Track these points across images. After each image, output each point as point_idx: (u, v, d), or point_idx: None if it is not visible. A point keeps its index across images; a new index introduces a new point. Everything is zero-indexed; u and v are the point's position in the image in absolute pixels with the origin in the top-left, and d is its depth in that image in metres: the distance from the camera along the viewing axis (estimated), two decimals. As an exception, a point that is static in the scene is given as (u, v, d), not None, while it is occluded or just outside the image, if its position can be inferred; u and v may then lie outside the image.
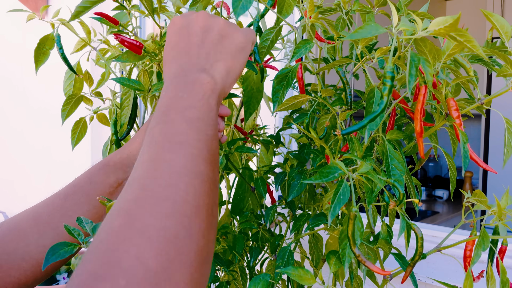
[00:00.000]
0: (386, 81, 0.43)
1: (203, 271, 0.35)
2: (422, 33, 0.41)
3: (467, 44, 0.40)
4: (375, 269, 0.52)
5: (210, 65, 0.49)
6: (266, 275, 0.54)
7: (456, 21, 0.38)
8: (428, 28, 0.40)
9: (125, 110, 0.78)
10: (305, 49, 0.57)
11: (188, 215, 0.35)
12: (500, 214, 0.52)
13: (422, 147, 0.50)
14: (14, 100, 2.80)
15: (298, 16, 1.16)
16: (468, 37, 0.40)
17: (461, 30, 0.40)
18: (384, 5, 0.72)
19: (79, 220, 0.50)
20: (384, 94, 0.43)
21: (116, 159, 0.69)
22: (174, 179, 0.37)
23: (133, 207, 0.35)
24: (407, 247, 0.54)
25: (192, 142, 0.41)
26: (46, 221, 0.60)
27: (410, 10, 0.71)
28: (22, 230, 0.58)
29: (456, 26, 0.38)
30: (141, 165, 0.39)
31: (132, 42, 0.66)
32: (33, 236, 0.58)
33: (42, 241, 0.58)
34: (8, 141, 2.89)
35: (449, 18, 0.39)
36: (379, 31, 0.41)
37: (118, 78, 0.69)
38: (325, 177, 0.46)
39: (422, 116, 0.48)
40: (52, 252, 0.46)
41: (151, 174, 0.38)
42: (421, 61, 0.42)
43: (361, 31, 0.41)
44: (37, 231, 0.58)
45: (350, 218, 0.48)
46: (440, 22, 0.39)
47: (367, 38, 0.41)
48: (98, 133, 2.13)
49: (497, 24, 0.46)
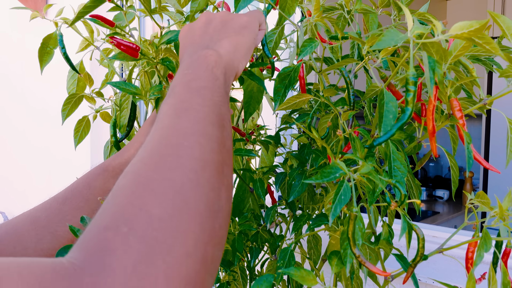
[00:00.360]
0: (410, 87, 0.43)
1: (216, 225, 0.35)
2: (442, 37, 0.41)
3: (486, 46, 0.40)
4: (375, 270, 0.52)
5: (213, 43, 0.51)
6: (270, 275, 0.53)
7: (483, 27, 0.38)
8: (449, 32, 0.40)
9: (124, 111, 0.78)
10: (311, 48, 0.57)
11: (194, 169, 0.35)
12: (502, 215, 0.52)
13: (435, 146, 0.50)
14: (14, 99, 2.80)
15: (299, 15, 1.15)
16: (488, 39, 0.40)
17: (483, 33, 0.39)
18: (388, 6, 0.72)
19: (83, 221, 0.49)
20: (410, 101, 0.43)
21: (115, 164, 0.69)
22: (178, 138, 0.38)
23: (138, 166, 0.36)
24: (408, 248, 0.54)
25: (196, 107, 0.42)
26: (44, 225, 0.59)
27: (410, 10, 0.70)
28: (20, 233, 0.58)
29: (482, 31, 0.38)
30: (149, 137, 0.40)
31: (128, 45, 0.66)
32: (31, 240, 0.57)
33: (40, 245, 0.57)
34: (8, 141, 2.89)
35: (474, 23, 0.39)
36: (400, 37, 0.41)
37: (115, 82, 0.68)
38: (326, 177, 0.46)
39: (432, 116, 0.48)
40: (61, 254, 0.46)
41: (157, 139, 0.38)
42: (435, 63, 0.42)
43: (385, 39, 0.41)
44: (35, 235, 0.58)
45: (350, 219, 0.48)
46: (464, 26, 0.39)
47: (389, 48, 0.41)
48: (98, 132, 2.13)
49: (503, 25, 0.46)
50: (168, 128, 0.39)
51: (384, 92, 0.46)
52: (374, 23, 0.69)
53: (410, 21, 0.41)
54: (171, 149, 0.37)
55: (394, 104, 0.49)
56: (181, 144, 0.37)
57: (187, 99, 0.43)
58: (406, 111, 0.43)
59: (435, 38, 0.40)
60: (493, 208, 0.54)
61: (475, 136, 3.07)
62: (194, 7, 0.67)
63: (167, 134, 0.39)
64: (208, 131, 0.40)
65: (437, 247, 0.61)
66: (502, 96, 0.52)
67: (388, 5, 0.70)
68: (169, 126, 0.39)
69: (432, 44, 0.41)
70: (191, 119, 0.40)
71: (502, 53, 0.39)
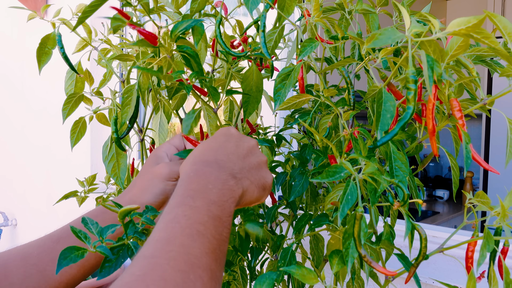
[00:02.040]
0: (411, 86, 0.43)
1: None
2: (440, 34, 0.40)
3: (485, 40, 0.39)
4: (381, 270, 0.52)
5: (241, 177, 0.52)
6: (272, 273, 0.53)
7: (480, 22, 0.38)
8: (447, 29, 0.40)
9: (126, 108, 0.77)
10: (311, 48, 0.57)
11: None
12: (504, 214, 0.52)
13: (436, 146, 0.50)
14: (13, 98, 2.79)
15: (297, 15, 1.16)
16: (486, 33, 0.40)
17: (481, 28, 0.39)
18: (386, 5, 0.72)
19: (85, 221, 0.49)
20: (411, 99, 0.43)
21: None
22: (188, 267, 0.38)
23: (141, 285, 0.35)
24: (410, 248, 0.54)
25: (209, 237, 0.42)
26: (34, 262, 0.58)
27: (412, 11, 0.70)
28: (9, 269, 0.57)
29: (480, 27, 0.38)
30: (155, 242, 0.40)
31: (148, 34, 0.68)
32: (18, 276, 0.57)
33: (26, 282, 0.57)
34: (7, 140, 2.89)
35: (472, 19, 0.38)
36: (397, 35, 0.40)
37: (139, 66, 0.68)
38: (331, 176, 0.46)
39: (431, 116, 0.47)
40: (64, 256, 0.45)
41: (166, 254, 0.38)
42: (433, 62, 0.42)
43: (381, 37, 0.41)
44: (23, 272, 0.57)
45: (356, 219, 0.47)
46: (461, 22, 0.39)
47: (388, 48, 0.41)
48: (97, 132, 2.13)
49: (500, 24, 0.46)
50: (181, 246, 0.39)
51: (383, 91, 0.46)
52: (375, 22, 0.69)
53: (407, 20, 0.41)
54: (179, 276, 0.36)
55: (392, 104, 0.49)
56: (188, 275, 0.37)
57: (204, 222, 0.43)
58: (408, 109, 0.42)
59: (433, 36, 0.40)
60: (493, 207, 0.54)
61: (475, 136, 3.07)
62: (194, 7, 0.67)
63: (177, 253, 0.38)
64: (213, 268, 0.40)
65: (437, 247, 0.61)
66: (503, 96, 0.52)
67: (386, 3, 0.70)
68: (182, 244, 0.39)
69: (429, 43, 0.41)
70: (203, 249, 0.40)
71: (502, 47, 0.39)
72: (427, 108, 0.45)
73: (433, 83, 0.42)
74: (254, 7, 0.57)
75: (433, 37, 0.40)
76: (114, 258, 0.45)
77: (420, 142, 0.65)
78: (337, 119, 0.64)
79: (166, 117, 0.88)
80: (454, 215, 2.86)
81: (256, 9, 0.64)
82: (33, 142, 2.66)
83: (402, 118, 0.43)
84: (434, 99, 0.45)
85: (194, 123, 0.68)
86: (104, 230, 0.48)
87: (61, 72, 0.87)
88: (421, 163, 0.70)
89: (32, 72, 2.61)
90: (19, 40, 2.68)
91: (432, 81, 0.40)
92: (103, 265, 0.45)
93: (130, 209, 0.45)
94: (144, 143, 0.87)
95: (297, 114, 0.83)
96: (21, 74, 2.71)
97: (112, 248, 0.46)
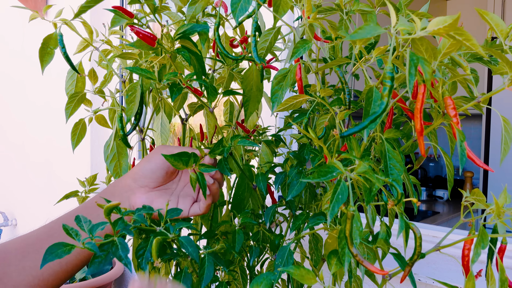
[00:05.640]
0: (386, 82, 0.43)
1: None
2: (421, 33, 0.41)
3: (466, 42, 0.40)
4: (373, 269, 0.52)
5: None
6: (270, 273, 0.54)
7: (455, 21, 0.38)
8: (427, 28, 0.40)
9: (131, 105, 0.78)
10: (304, 49, 0.58)
11: None
12: (498, 212, 0.52)
13: (423, 145, 0.50)
14: (15, 97, 2.80)
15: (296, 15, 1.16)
16: (467, 35, 0.40)
17: (460, 29, 0.40)
18: (385, 5, 0.72)
19: (78, 219, 0.50)
20: (384, 95, 0.43)
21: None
22: None
23: None
24: (405, 247, 0.55)
25: None
26: (32, 242, 0.60)
27: (410, 10, 0.71)
28: (8, 250, 0.59)
29: (455, 26, 0.39)
30: None
31: (146, 34, 0.68)
32: (16, 256, 0.58)
33: (23, 262, 0.58)
34: (7, 140, 2.90)
35: (448, 18, 0.39)
36: (378, 31, 0.41)
37: (131, 67, 0.70)
38: (323, 176, 0.46)
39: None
40: (50, 251, 0.45)
41: None
42: (420, 60, 0.42)
43: (361, 31, 0.41)
44: (21, 252, 0.59)
45: (347, 218, 0.48)
46: (439, 22, 0.40)
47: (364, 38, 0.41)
48: (98, 133, 2.14)
49: (492, 22, 0.46)
50: None
51: (374, 90, 0.47)
52: (373, 22, 0.69)
53: (393, 16, 0.41)
54: None
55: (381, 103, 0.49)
56: None
57: None
58: (381, 104, 0.43)
59: (415, 35, 0.40)
60: (488, 205, 0.54)
61: (475, 136, 3.07)
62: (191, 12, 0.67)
63: None
64: None
65: (435, 246, 0.62)
66: (503, 96, 0.53)
67: (385, 3, 0.71)
68: None
69: (421, 41, 0.42)
70: None
71: (481, 50, 0.40)
72: (416, 107, 0.46)
73: (422, 83, 0.43)
74: (241, 14, 0.57)
75: (415, 36, 0.41)
76: (103, 255, 0.46)
77: (415, 141, 0.65)
78: (333, 119, 0.65)
79: (168, 118, 0.89)
80: (454, 215, 2.86)
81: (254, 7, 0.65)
82: (34, 142, 2.67)
83: (373, 113, 0.44)
84: (423, 99, 0.46)
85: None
86: (93, 227, 0.48)
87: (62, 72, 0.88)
88: (416, 161, 0.71)
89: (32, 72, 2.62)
90: (18, 40, 2.69)
91: (413, 79, 0.40)
92: (92, 261, 0.46)
93: (114, 205, 0.46)
94: (145, 143, 0.88)
95: (295, 114, 0.84)
96: (22, 73, 2.72)
97: (102, 244, 0.47)
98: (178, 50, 0.66)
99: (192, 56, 0.67)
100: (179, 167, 0.63)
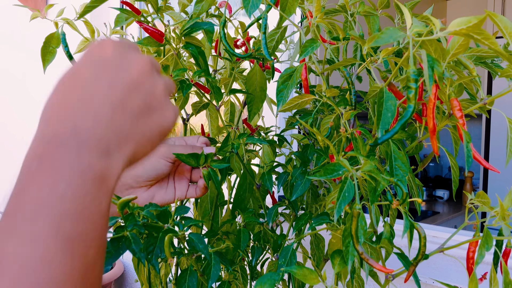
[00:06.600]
0: (411, 85, 0.43)
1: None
2: (440, 34, 0.41)
3: (485, 41, 0.40)
4: (378, 267, 0.52)
5: (117, 145, 0.34)
6: (273, 274, 0.54)
7: (481, 22, 0.38)
8: (448, 29, 0.40)
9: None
10: (312, 48, 0.58)
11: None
12: (503, 214, 0.52)
13: (436, 144, 0.50)
14: (15, 96, 2.80)
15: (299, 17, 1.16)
16: (487, 34, 0.40)
17: (481, 28, 0.40)
18: (387, 7, 0.72)
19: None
20: (411, 98, 0.43)
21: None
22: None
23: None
24: (409, 246, 0.55)
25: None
26: None
27: (414, 14, 0.71)
28: None
29: (480, 27, 0.39)
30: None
31: (154, 31, 0.70)
32: None
33: None
34: (7, 140, 2.90)
35: (472, 19, 0.39)
36: (399, 35, 0.41)
37: None
38: (330, 174, 0.46)
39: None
40: None
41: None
42: (434, 61, 0.42)
43: (383, 36, 0.41)
44: None
45: (353, 216, 0.48)
46: (461, 22, 0.39)
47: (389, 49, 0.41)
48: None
49: (500, 24, 0.46)
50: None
51: (384, 90, 0.47)
52: (376, 24, 0.69)
53: (409, 19, 0.41)
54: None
55: (393, 103, 0.49)
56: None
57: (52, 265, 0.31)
58: (408, 108, 0.43)
59: (434, 36, 0.41)
60: (493, 208, 0.54)
61: (475, 136, 3.08)
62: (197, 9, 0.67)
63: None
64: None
65: (438, 247, 0.62)
66: (503, 97, 0.53)
67: (388, 5, 0.71)
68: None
69: (430, 42, 0.42)
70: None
71: (501, 49, 0.40)
72: (428, 107, 0.46)
73: (433, 83, 0.43)
74: (253, 10, 0.57)
75: (434, 37, 0.41)
76: (113, 250, 0.46)
77: (420, 142, 0.66)
78: (338, 119, 0.65)
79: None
80: (454, 215, 2.86)
81: (258, 8, 0.65)
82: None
83: (403, 117, 0.44)
84: (435, 99, 0.46)
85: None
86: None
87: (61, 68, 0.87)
88: (421, 162, 0.71)
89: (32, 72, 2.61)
90: (18, 40, 2.69)
91: (433, 80, 0.40)
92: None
93: (129, 200, 0.46)
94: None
95: (299, 114, 0.84)
96: (23, 68, 2.71)
97: (112, 239, 0.47)
98: (186, 46, 0.66)
99: (199, 53, 0.68)
100: (191, 163, 0.63)
